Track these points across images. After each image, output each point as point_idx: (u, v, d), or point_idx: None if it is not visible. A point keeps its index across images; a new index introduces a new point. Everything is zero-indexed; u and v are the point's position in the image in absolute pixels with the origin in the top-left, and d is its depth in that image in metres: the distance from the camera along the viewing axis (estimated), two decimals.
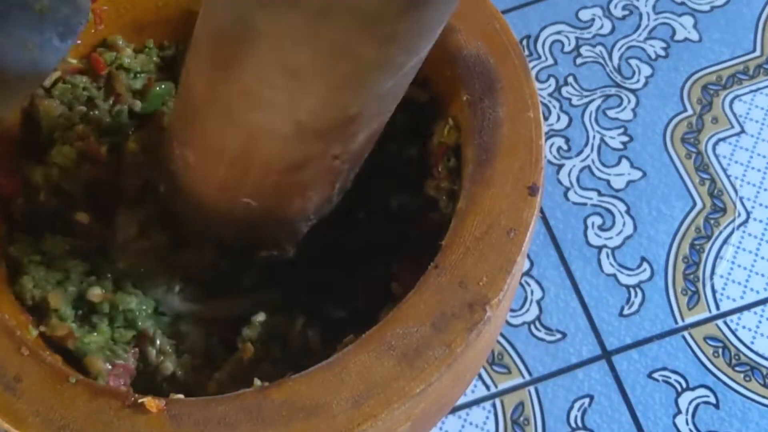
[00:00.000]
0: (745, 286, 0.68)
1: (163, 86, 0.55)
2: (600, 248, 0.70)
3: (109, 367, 0.46)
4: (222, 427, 0.39)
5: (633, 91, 0.76)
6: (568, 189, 0.72)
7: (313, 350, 0.47)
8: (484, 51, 0.48)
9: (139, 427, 0.38)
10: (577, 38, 0.79)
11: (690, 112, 0.75)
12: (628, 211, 0.71)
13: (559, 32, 0.79)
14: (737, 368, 0.65)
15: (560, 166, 0.73)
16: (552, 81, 0.77)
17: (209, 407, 0.39)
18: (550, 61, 0.78)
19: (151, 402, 0.39)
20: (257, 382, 0.41)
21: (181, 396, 0.41)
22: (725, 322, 0.67)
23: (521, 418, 0.64)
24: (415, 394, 0.39)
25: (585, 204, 0.72)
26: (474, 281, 0.42)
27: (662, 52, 0.78)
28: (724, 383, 0.65)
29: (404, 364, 0.40)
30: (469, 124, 0.47)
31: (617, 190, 0.72)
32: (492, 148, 0.45)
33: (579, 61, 0.78)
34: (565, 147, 0.74)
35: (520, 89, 0.47)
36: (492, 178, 0.44)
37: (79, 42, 0.52)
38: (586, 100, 0.76)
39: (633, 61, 0.77)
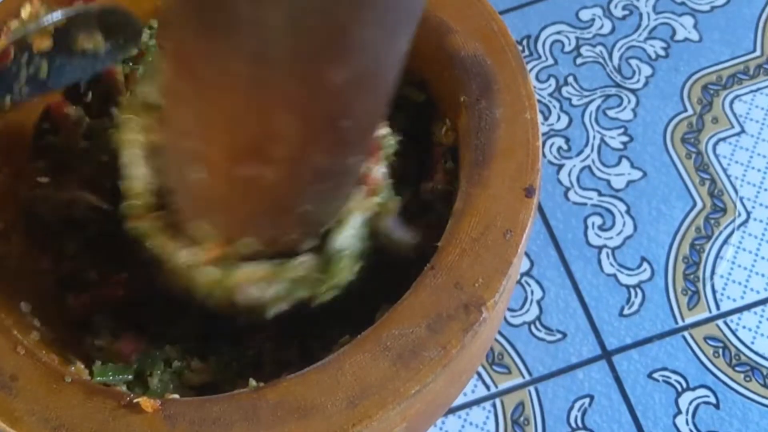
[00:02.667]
0: (745, 286, 0.68)
1: None
2: (600, 248, 0.70)
3: None
4: (217, 427, 0.39)
5: (633, 91, 0.76)
6: (568, 189, 0.72)
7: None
8: (482, 52, 0.48)
9: (134, 427, 0.39)
10: (577, 38, 0.79)
11: (690, 112, 0.75)
12: (628, 211, 0.71)
13: (559, 32, 0.79)
14: (737, 368, 0.65)
15: (560, 166, 0.73)
16: (552, 81, 0.77)
17: (204, 407, 0.39)
18: (550, 61, 0.78)
19: (146, 402, 0.39)
20: (252, 382, 0.41)
21: (176, 396, 0.41)
22: (725, 322, 0.67)
23: (521, 418, 0.64)
24: (411, 395, 0.39)
25: (585, 204, 0.72)
26: (470, 282, 0.42)
27: (662, 52, 0.78)
28: (724, 383, 0.64)
29: (399, 365, 0.40)
30: (467, 125, 0.47)
31: (617, 190, 0.72)
32: (489, 149, 0.45)
33: (579, 61, 0.78)
34: (565, 147, 0.74)
35: (517, 91, 0.47)
36: (489, 180, 0.44)
37: None
38: (586, 100, 0.76)
39: (633, 61, 0.77)
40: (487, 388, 0.65)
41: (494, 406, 0.65)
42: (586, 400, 0.64)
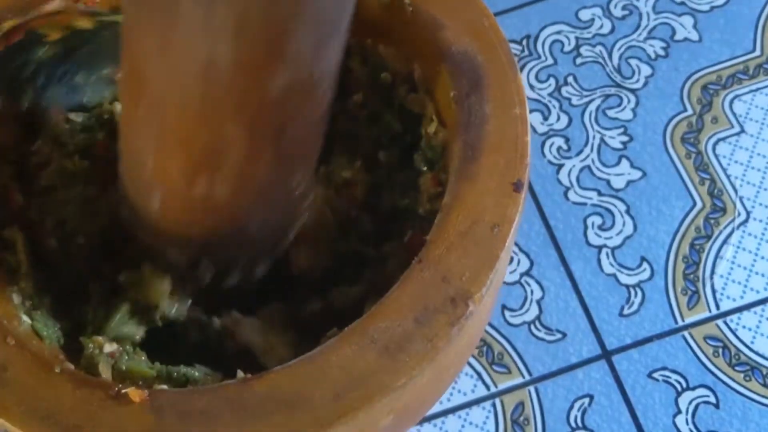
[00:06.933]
0: (745, 286, 0.68)
1: None
2: (600, 248, 0.70)
3: None
4: (204, 418, 0.39)
5: (633, 91, 0.76)
6: (568, 189, 0.72)
7: None
8: (473, 48, 0.48)
9: (122, 418, 0.39)
10: (577, 38, 0.79)
11: (690, 112, 0.75)
12: (628, 211, 0.71)
13: (559, 32, 0.79)
14: (737, 368, 0.65)
15: (560, 166, 0.73)
16: (552, 81, 0.77)
17: (192, 398, 0.39)
18: (550, 61, 0.78)
19: (134, 392, 0.39)
20: (240, 374, 0.41)
21: (164, 387, 0.41)
22: (725, 322, 0.66)
23: (521, 418, 0.64)
24: (397, 388, 0.40)
25: (585, 204, 0.72)
26: (457, 276, 0.42)
27: (662, 52, 0.78)
28: (724, 383, 0.64)
29: (386, 358, 0.40)
30: (456, 120, 0.47)
31: (617, 190, 0.72)
32: (478, 144, 0.45)
33: (579, 61, 0.78)
34: (565, 147, 0.74)
35: (507, 86, 0.47)
36: (477, 174, 0.44)
37: None
38: (586, 99, 0.76)
39: (633, 61, 0.77)
40: (487, 388, 0.65)
41: (494, 406, 0.65)
42: (586, 400, 0.64)
